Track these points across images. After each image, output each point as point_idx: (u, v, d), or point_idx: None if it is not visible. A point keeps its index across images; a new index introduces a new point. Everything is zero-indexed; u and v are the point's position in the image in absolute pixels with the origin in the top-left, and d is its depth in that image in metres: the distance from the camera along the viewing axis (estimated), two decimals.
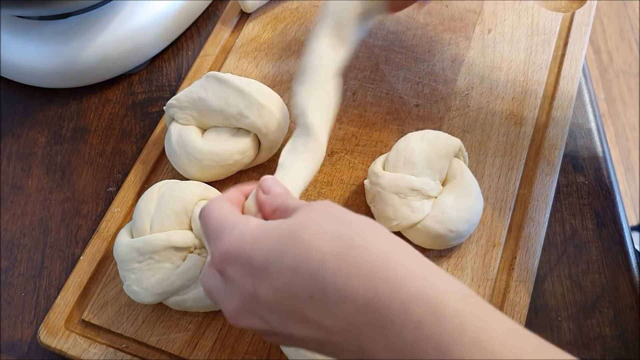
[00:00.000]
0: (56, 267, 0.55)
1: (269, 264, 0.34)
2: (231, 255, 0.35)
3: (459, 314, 0.29)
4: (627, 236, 0.56)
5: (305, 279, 0.32)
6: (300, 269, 0.32)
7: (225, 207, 0.39)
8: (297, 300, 0.33)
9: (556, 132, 0.58)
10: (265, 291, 0.34)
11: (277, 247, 0.34)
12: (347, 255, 0.32)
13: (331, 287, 0.31)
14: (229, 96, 0.53)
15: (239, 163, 0.54)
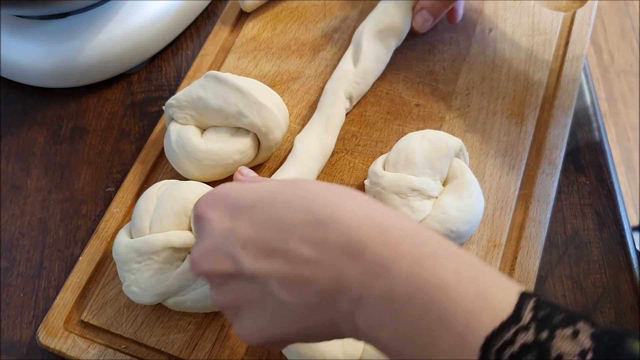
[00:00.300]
0: (55, 268, 0.55)
1: (258, 202, 0.35)
2: (217, 198, 0.37)
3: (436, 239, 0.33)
4: (629, 236, 0.56)
5: (292, 211, 0.34)
6: (292, 202, 0.34)
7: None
8: (277, 230, 0.34)
9: (557, 132, 0.58)
10: (243, 226, 0.35)
11: (271, 189, 0.36)
12: (336, 195, 0.34)
13: (317, 215, 0.33)
14: (228, 95, 0.52)
15: (238, 163, 0.53)
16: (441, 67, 0.61)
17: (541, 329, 0.29)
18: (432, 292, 0.30)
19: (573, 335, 0.29)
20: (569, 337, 0.29)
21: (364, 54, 0.58)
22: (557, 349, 0.28)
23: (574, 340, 0.29)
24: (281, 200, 0.35)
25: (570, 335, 0.29)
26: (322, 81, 0.61)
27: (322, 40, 0.64)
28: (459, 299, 0.30)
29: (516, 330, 0.29)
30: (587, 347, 0.28)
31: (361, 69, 0.58)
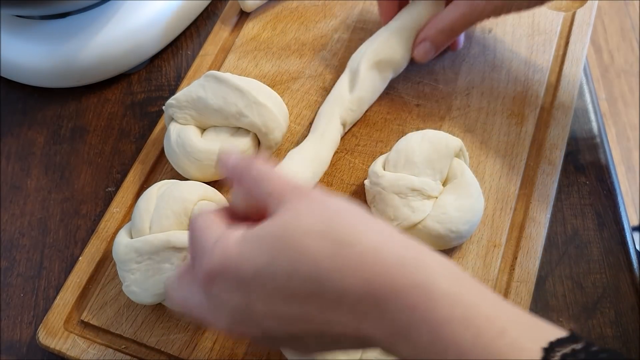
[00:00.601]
0: (55, 268, 0.55)
1: (259, 273, 0.33)
2: (215, 273, 0.34)
3: (449, 294, 0.31)
4: (629, 236, 0.56)
5: (301, 281, 0.32)
6: (294, 273, 0.32)
7: (209, 221, 0.37)
8: (295, 300, 0.33)
9: (557, 132, 0.58)
10: (258, 301, 0.34)
11: (266, 256, 0.33)
12: (338, 254, 0.32)
13: (328, 286, 0.32)
14: (228, 95, 0.52)
15: None
16: (441, 67, 0.61)
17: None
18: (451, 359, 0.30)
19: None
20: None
21: (360, 83, 0.56)
22: None
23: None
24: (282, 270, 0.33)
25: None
26: (322, 81, 0.61)
27: (322, 40, 0.64)
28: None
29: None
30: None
31: (357, 96, 0.56)
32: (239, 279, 0.34)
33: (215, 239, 0.35)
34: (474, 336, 0.30)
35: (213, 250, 0.35)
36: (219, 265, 0.34)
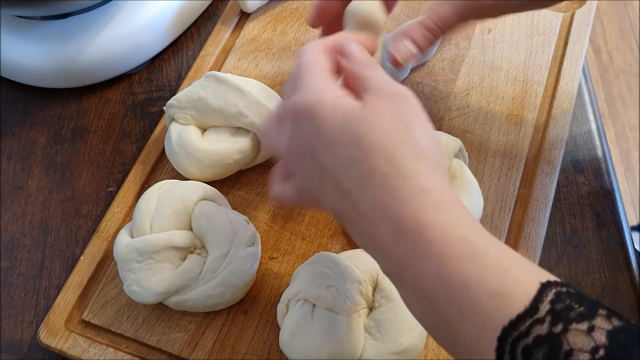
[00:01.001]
0: (56, 267, 0.55)
1: (331, 143, 0.36)
2: (305, 112, 0.37)
3: (464, 237, 0.33)
4: (627, 236, 0.56)
5: (355, 175, 0.36)
6: (354, 166, 0.36)
7: (320, 58, 0.40)
8: (343, 180, 0.36)
9: (556, 132, 0.58)
10: (323, 155, 0.37)
11: (344, 131, 0.36)
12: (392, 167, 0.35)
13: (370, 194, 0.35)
14: (228, 95, 0.53)
15: (238, 162, 0.54)
16: (440, 67, 0.62)
17: (556, 322, 0.30)
18: (453, 291, 0.32)
19: (588, 330, 0.29)
20: (583, 332, 0.29)
21: None
22: (569, 343, 0.29)
23: (587, 336, 0.29)
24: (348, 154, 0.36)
25: (585, 330, 0.29)
26: None
27: None
28: (477, 298, 0.32)
29: (532, 322, 0.30)
30: (600, 343, 0.29)
31: None
32: (317, 130, 0.37)
33: (318, 79, 0.38)
34: (479, 271, 0.32)
35: (313, 91, 0.38)
36: (312, 108, 0.37)
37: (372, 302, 0.47)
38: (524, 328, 0.30)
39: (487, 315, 0.31)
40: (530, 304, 0.30)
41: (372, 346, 0.45)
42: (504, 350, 0.30)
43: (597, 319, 0.30)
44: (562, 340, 0.29)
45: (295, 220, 0.54)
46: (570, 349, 0.29)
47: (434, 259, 0.33)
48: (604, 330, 0.29)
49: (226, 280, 0.48)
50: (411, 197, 0.34)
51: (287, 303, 0.47)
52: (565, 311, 0.30)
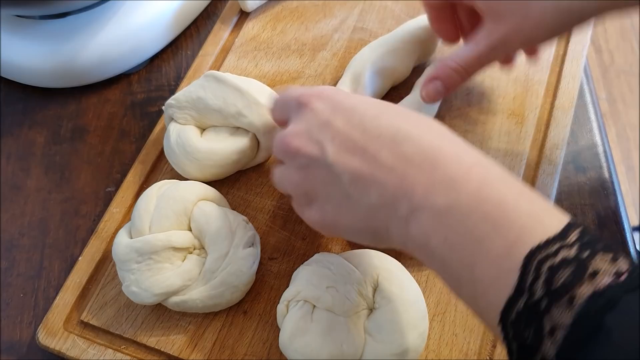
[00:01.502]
0: (55, 268, 0.55)
1: (355, 108, 0.40)
2: (325, 93, 0.41)
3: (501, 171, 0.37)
4: (629, 236, 0.56)
5: (383, 123, 0.38)
6: (381, 116, 0.39)
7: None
8: (366, 133, 0.38)
9: (557, 131, 0.58)
10: (339, 121, 0.39)
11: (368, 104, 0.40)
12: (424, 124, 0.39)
13: (403, 132, 0.38)
14: (227, 95, 0.52)
15: (237, 162, 0.53)
16: None
17: (584, 249, 0.32)
18: (490, 208, 0.34)
19: (613, 259, 0.31)
20: (609, 260, 0.31)
21: (362, 87, 0.56)
22: (595, 267, 0.31)
23: (612, 263, 0.31)
24: (373, 112, 0.39)
25: (610, 259, 0.31)
26: (322, 81, 0.61)
27: (322, 40, 0.64)
28: (514, 215, 0.33)
29: (560, 246, 0.32)
30: (623, 269, 0.30)
31: None
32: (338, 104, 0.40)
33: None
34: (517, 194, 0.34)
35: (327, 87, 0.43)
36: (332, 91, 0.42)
37: (372, 303, 0.46)
38: (552, 250, 0.32)
39: (521, 231, 0.33)
40: (561, 230, 0.32)
41: (372, 347, 0.45)
42: (528, 269, 0.32)
43: (621, 254, 0.32)
44: (588, 264, 0.31)
45: (295, 221, 0.54)
46: (594, 270, 0.30)
47: (475, 178, 0.35)
48: (627, 261, 0.31)
49: (226, 281, 0.47)
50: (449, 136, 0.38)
51: (287, 304, 0.47)
52: (592, 243, 0.32)
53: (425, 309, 0.47)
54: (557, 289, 0.31)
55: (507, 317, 0.32)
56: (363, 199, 0.38)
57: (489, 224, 0.34)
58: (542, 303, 0.31)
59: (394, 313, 0.45)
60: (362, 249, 0.49)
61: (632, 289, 0.30)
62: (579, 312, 0.30)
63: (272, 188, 0.55)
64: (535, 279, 0.31)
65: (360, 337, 0.45)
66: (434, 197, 0.35)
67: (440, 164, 0.36)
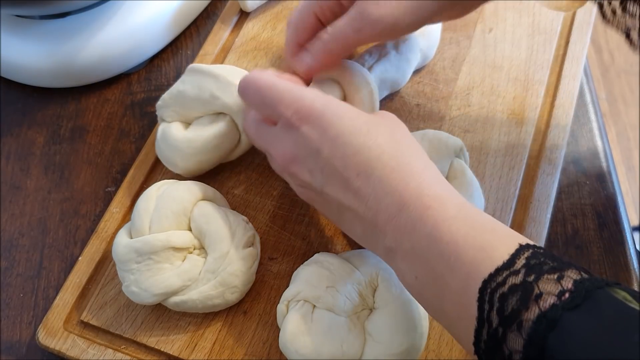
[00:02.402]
0: (55, 268, 0.55)
1: (339, 138, 0.42)
2: (313, 115, 0.43)
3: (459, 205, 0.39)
4: (629, 236, 0.56)
5: (361, 161, 0.41)
6: (361, 152, 0.41)
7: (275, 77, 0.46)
8: (348, 170, 0.41)
9: (557, 131, 0.58)
10: (327, 152, 0.42)
11: (352, 128, 0.42)
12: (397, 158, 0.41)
13: (377, 174, 0.41)
14: (202, 82, 0.52)
15: (220, 147, 0.53)
16: (441, 67, 0.61)
17: (529, 273, 0.33)
18: (444, 247, 0.37)
19: (558, 279, 0.33)
20: (553, 280, 0.33)
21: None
22: (539, 289, 0.32)
23: (556, 283, 0.32)
24: (354, 146, 0.41)
25: (555, 279, 0.33)
26: None
27: None
28: (464, 252, 0.36)
29: (508, 274, 0.34)
30: (567, 288, 0.32)
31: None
32: (324, 131, 0.42)
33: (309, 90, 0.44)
34: (467, 229, 0.37)
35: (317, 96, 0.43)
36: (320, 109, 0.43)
37: (373, 303, 0.46)
38: (501, 279, 0.34)
39: (471, 266, 0.35)
40: (509, 258, 0.34)
41: (372, 347, 0.45)
42: (484, 300, 0.34)
43: (568, 271, 0.33)
44: (534, 286, 0.33)
45: (295, 221, 0.54)
46: (539, 292, 0.32)
47: (429, 220, 0.38)
48: (572, 279, 0.32)
49: (225, 281, 0.47)
50: (414, 174, 0.40)
51: (287, 304, 0.47)
52: (539, 265, 0.34)
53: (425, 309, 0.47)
54: (507, 315, 0.33)
55: (479, 347, 0.34)
56: (351, 227, 0.44)
57: (444, 262, 0.36)
58: (499, 331, 0.33)
59: (394, 313, 0.45)
60: (362, 249, 0.49)
61: (572, 307, 0.31)
62: (528, 335, 0.32)
63: (272, 188, 0.55)
64: (490, 309, 0.34)
65: (360, 337, 0.45)
66: (401, 242, 0.39)
67: (404, 207, 0.39)
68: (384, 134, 0.42)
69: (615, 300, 0.31)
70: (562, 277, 0.33)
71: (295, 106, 0.43)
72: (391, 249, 0.40)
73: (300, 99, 0.43)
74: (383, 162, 0.41)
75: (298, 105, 0.43)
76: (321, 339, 0.44)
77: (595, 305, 0.31)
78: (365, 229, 0.42)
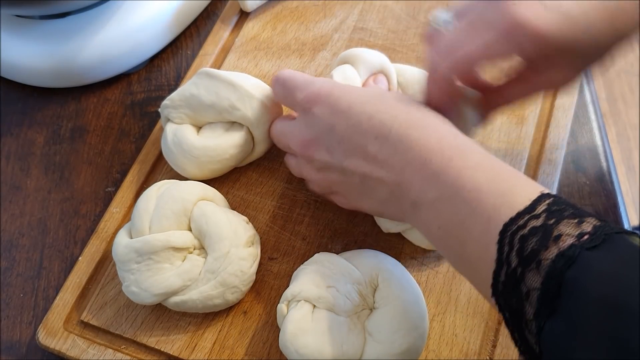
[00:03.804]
0: (55, 268, 0.55)
1: (351, 108, 0.44)
2: (322, 95, 0.45)
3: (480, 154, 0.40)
4: None
5: (377, 124, 0.42)
6: (375, 116, 0.43)
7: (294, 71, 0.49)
8: (365, 136, 0.43)
9: (557, 131, 0.58)
10: (341, 126, 0.44)
11: (362, 98, 0.44)
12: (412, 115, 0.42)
13: (395, 132, 0.42)
14: (219, 90, 0.52)
15: (235, 157, 0.53)
16: None
17: (550, 217, 0.34)
18: (467, 194, 0.38)
19: (578, 223, 0.33)
20: (574, 224, 0.33)
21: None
22: (559, 231, 0.33)
23: (576, 226, 0.33)
24: (367, 112, 0.43)
25: (575, 223, 0.33)
26: None
27: (322, 40, 0.64)
28: (486, 198, 0.37)
29: (529, 218, 0.35)
30: (586, 231, 0.33)
31: None
32: (335, 106, 0.44)
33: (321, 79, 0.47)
34: (489, 177, 0.38)
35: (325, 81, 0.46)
36: (328, 89, 0.45)
37: (373, 303, 0.46)
38: (522, 222, 0.35)
39: (493, 211, 0.36)
40: (530, 204, 0.35)
41: (372, 347, 0.45)
42: (504, 242, 0.35)
43: (588, 218, 0.34)
44: (553, 229, 0.33)
45: (295, 221, 0.54)
46: (559, 234, 0.33)
47: (452, 171, 0.39)
48: (592, 224, 0.33)
49: (225, 281, 0.47)
50: (434, 126, 0.41)
51: (287, 304, 0.47)
52: (559, 211, 0.34)
53: (425, 309, 0.47)
54: (527, 255, 0.34)
55: (496, 289, 0.35)
56: (375, 194, 0.44)
57: (467, 208, 0.38)
58: (518, 271, 0.34)
59: (394, 313, 0.45)
60: (362, 249, 0.49)
61: (591, 247, 0.32)
62: (546, 273, 0.33)
63: (272, 188, 0.55)
64: (510, 250, 0.35)
65: (360, 337, 0.45)
66: (426, 192, 0.40)
67: (427, 160, 0.40)
68: (393, 98, 0.44)
69: (632, 244, 0.32)
70: (583, 222, 0.33)
71: (306, 92, 0.46)
72: (416, 203, 0.41)
73: (311, 84, 0.46)
74: (399, 121, 0.42)
75: (308, 91, 0.46)
76: (321, 339, 0.44)
77: (613, 247, 0.32)
78: (390, 191, 0.43)
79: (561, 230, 0.33)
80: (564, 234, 0.33)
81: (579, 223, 0.33)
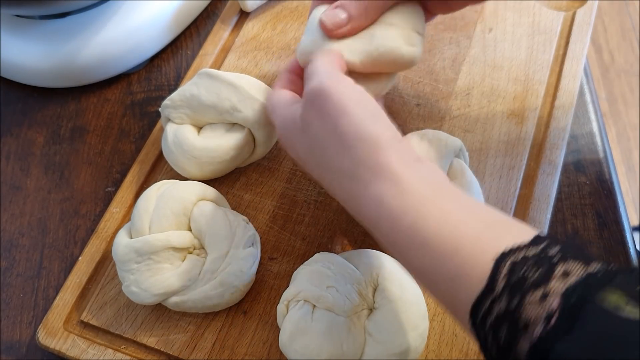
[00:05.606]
0: (55, 268, 0.55)
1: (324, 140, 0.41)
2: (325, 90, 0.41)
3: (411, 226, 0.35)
4: (629, 236, 0.56)
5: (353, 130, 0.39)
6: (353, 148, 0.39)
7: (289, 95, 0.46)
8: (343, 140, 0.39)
9: (557, 131, 0.58)
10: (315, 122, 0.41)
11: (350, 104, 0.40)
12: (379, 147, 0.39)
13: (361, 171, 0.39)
14: (221, 91, 0.52)
15: (235, 158, 0.53)
16: (441, 67, 0.61)
17: (513, 295, 0.31)
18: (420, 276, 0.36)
19: (542, 298, 0.30)
20: (537, 302, 0.30)
21: None
22: (525, 317, 0.30)
23: (541, 305, 0.30)
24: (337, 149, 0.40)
25: (539, 299, 0.30)
26: None
27: None
28: (437, 283, 0.34)
29: (491, 300, 0.31)
30: (553, 309, 0.29)
31: None
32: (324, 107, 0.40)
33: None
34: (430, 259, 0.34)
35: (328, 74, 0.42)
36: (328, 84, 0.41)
37: (373, 303, 0.46)
38: (486, 307, 0.32)
39: (450, 297, 0.34)
40: (487, 282, 0.32)
41: (372, 347, 0.44)
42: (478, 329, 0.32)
43: (552, 282, 0.30)
44: (519, 315, 0.30)
45: (295, 221, 0.54)
46: (526, 322, 0.30)
47: (393, 249, 0.37)
48: (558, 294, 0.30)
49: (225, 281, 0.47)
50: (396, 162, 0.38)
51: (287, 304, 0.47)
52: (520, 282, 0.31)
53: (425, 309, 0.47)
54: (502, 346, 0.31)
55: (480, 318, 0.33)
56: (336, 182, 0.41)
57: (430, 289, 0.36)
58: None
59: (394, 313, 0.45)
60: (362, 249, 0.49)
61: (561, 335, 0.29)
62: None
63: (272, 188, 0.55)
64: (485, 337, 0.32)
65: (360, 337, 0.45)
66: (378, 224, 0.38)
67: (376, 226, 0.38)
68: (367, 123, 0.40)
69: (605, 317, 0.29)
70: (547, 294, 0.30)
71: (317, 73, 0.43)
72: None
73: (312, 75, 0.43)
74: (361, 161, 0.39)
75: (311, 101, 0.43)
76: (321, 339, 0.44)
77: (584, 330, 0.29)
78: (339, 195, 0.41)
79: (527, 315, 0.30)
80: (531, 321, 0.30)
81: (543, 298, 0.30)
